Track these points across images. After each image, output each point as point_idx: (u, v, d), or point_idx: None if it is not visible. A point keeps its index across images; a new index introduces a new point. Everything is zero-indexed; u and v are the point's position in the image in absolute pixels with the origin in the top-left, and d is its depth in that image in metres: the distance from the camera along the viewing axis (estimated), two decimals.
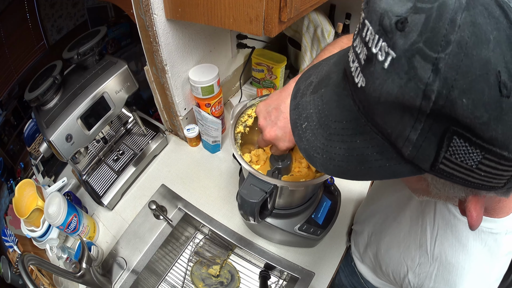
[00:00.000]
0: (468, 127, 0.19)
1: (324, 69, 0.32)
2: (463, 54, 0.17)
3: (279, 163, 0.57)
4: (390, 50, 0.20)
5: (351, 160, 0.26)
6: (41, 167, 0.97)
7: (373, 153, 0.24)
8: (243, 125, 0.64)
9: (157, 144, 0.94)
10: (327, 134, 0.27)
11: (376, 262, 0.60)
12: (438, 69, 0.18)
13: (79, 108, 0.68)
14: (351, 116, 0.26)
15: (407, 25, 0.19)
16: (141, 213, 0.83)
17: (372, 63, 0.21)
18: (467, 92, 0.18)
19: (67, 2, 1.00)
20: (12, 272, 0.80)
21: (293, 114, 0.31)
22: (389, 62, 0.20)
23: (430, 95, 0.19)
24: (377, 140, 0.24)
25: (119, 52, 1.23)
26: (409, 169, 0.23)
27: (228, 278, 0.83)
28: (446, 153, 0.21)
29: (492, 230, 0.39)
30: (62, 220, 0.69)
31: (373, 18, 0.21)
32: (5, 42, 0.87)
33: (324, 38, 1.01)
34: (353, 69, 0.24)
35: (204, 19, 0.58)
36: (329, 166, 0.27)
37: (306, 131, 0.29)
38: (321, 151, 0.28)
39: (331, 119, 0.27)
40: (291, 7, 0.52)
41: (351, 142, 0.26)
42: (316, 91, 0.30)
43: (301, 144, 0.29)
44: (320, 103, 0.29)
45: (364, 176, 0.26)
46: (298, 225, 0.67)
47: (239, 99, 1.09)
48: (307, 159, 0.29)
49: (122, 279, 0.72)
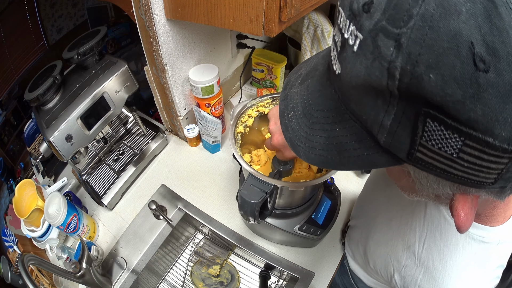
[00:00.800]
0: (440, 107, 0.17)
1: (313, 62, 0.32)
2: (427, 27, 0.16)
3: (281, 166, 0.57)
4: (358, 32, 0.20)
5: (331, 148, 0.26)
6: (41, 167, 0.97)
7: (351, 142, 0.24)
8: (243, 125, 0.64)
9: (157, 144, 0.94)
10: (310, 122, 0.27)
11: (365, 258, 0.60)
12: (401, 45, 0.17)
13: (79, 108, 0.68)
14: (332, 105, 0.26)
15: (372, 6, 0.19)
16: (141, 213, 0.83)
17: (345, 48, 0.21)
18: (435, 66, 0.17)
19: (67, 2, 1.00)
20: (12, 272, 0.81)
21: (282, 105, 0.31)
22: (358, 45, 0.20)
23: (394, 73, 0.18)
24: (355, 128, 0.24)
25: (119, 52, 1.23)
26: (386, 159, 0.23)
27: (228, 278, 0.83)
28: (422, 139, 0.19)
29: (484, 239, 0.37)
30: (62, 220, 0.69)
31: (345, 4, 0.22)
32: (5, 42, 0.87)
33: (324, 38, 1.01)
34: (333, 58, 0.24)
35: (204, 19, 0.58)
36: (311, 155, 0.27)
37: (291, 120, 0.29)
38: (304, 139, 0.28)
39: (314, 108, 0.27)
40: (291, 7, 0.52)
41: (331, 130, 0.26)
42: (303, 82, 0.30)
43: (286, 134, 0.30)
44: (305, 93, 0.29)
45: (344, 165, 0.26)
46: (298, 225, 0.67)
47: (239, 99, 1.09)
48: (291, 148, 0.29)
49: (122, 279, 0.72)
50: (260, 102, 0.64)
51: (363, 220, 0.63)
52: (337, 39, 0.23)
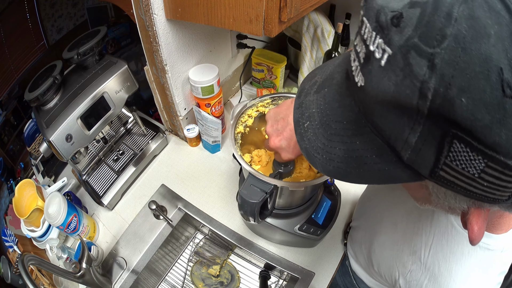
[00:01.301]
0: (468, 130, 0.17)
1: (329, 69, 0.31)
2: (460, 49, 0.16)
3: (281, 168, 0.57)
4: (386, 46, 0.19)
5: (350, 162, 0.25)
6: (41, 167, 0.97)
7: (372, 156, 0.24)
8: (243, 125, 0.64)
9: (157, 144, 0.94)
10: (328, 134, 0.27)
11: (368, 261, 0.59)
12: (434, 65, 0.17)
13: (79, 108, 0.68)
14: (351, 117, 0.25)
15: (402, 20, 0.18)
16: (141, 213, 0.83)
17: (370, 61, 0.21)
18: (466, 90, 0.17)
19: (67, 2, 1.00)
20: (12, 272, 0.81)
21: (296, 113, 0.31)
22: (386, 59, 0.19)
23: (427, 93, 0.18)
24: (377, 142, 0.23)
25: (119, 52, 1.23)
26: (408, 175, 0.22)
27: (228, 278, 0.83)
28: (447, 158, 0.19)
29: (489, 246, 0.38)
30: (62, 220, 0.69)
31: (370, 15, 0.21)
32: (5, 42, 0.87)
33: (324, 38, 1.01)
34: (354, 68, 0.24)
35: (204, 19, 0.58)
36: (329, 167, 0.27)
37: (307, 130, 0.29)
38: (321, 151, 0.27)
39: (332, 119, 0.27)
40: (291, 7, 0.52)
41: (351, 143, 0.25)
42: (320, 91, 0.30)
43: (302, 144, 0.29)
44: (322, 102, 0.28)
45: (362, 179, 0.25)
46: (298, 225, 0.67)
47: (239, 99, 1.09)
48: (307, 159, 0.29)
49: (122, 279, 0.72)
50: (260, 102, 0.64)
51: (367, 222, 0.63)
52: (359, 49, 0.23)
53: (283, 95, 0.64)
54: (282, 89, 1.15)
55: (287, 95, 0.64)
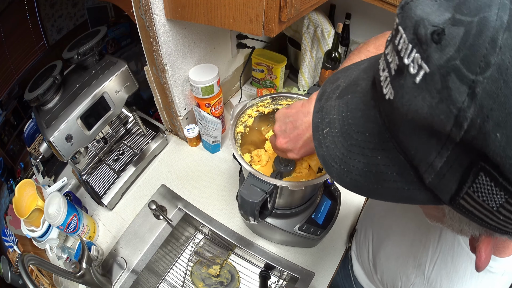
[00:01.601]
0: (497, 165, 0.17)
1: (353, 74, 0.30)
2: (502, 81, 0.15)
3: (282, 167, 0.57)
4: (424, 63, 0.18)
5: (368, 176, 0.24)
6: (41, 167, 0.97)
7: (393, 173, 0.23)
8: (243, 125, 0.64)
9: (157, 144, 0.94)
10: (348, 144, 0.26)
11: (373, 268, 0.60)
12: (475, 94, 0.16)
13: (79, 108, 0.68)
14: (375, 129, 0.24)
15: (444, 38, 0.17)
16: (141, 213, 0.83)
17: (403, 75, 0.20)
18: (503, 126, 0.16)
19: (67, 2, 1.00)
20: (12, 272, 0.80)
21: (316, 117, 0.29)
22: (422, 77, 0.18)
23: (463, 123, 0.17)
24: (399, 160, 0.22)
25: (119, 52, 1.23)
26: (427, 197, 0.22)
27: (228, 278, 0.83)
28: (470, 188, 0.19)
29: (491, 269, 0.38)
30: (62, 220, 0.69)
31: (407, 25, 0.19)
32: (5, 42, 0.87)
33: (324, 38, 1.01)
34: (383, 79, 0.23)
35: (204, 19, 0.58)
36: (345, 179, 0.26)
37: (326, 137, 0.27)
38: (339, 161, 0.26)
39: (354, 128, 0.26)
40: (291, 7, 0.52)
41: (372, 157, 0.24)
42: (342, 96, 0.28)
43: (320, 150, 0.28)
44: (344, 109, 0.27)
45: (379, 195, 0.24)
46: (298, 225, 0.67)
47: (239, 99, 1.09)
48: (324, 167, 0.28)
49: (122, 279, 0.72)
50: (260, 102, 0.64)
51: (375, 228, 0.62)
52: (391, 59, 0.21)
53: (283, 95, 0.64)
54: (282, 89, 1.15)
55: (287, 95, 0.64)
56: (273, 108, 0.66)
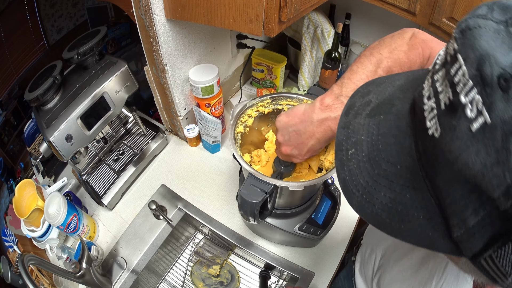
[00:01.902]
0: None
1: (387, 91, 0.27)
2: None
3: (282, 168, 0.57)
4: (485, 110, 0.15)
5: (392, 213, 0.22)
6: (41, 167, 0.97)
7: (420, 216, 0.21)
8: (243, 125, 0.64)
9: (157, 144, 0.94)
10: (375, 173, 0.23)
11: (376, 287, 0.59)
12: None
13: (79, 108, 0.68)
14: (408, 163, 0.22)
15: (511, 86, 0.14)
16: (141, 213, 0.83)
17: (456, 115, 0.17)
18: None
19: (67, 2, 1.00)
20: (12, 272, 0.80)
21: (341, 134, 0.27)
22: (480, 126, 0.16)
23: None
24: (430, 204, 0.20)
25: (119, 52, 1.23)
26: (449, 248, 0.21)
27: (228, 278, 0.83)
28: (494, 253, 0.18)
29: None
30: (62, 220, 0.69)
31: (469, 56, 0.17)
32: (5, 42, 0.88)
33: (324, 38, 1.01)
34: (427, 109, 0.20)
35: (204, 19, 0.58)
36: (366, 210, 0.24)
37: (351, 159, 0.25)
38: (362, 189, 0.24)
39: (383, 156, 0.23)
40: (291, 7, 0.52)
41: (400, 194, 0.22)
42: (374, 115, 0.25)
43: (341, 173, 0.25)
44: (375, 131, 0.24)
45: (399, 235, 0.23)
46: (298, 225, 0.67)
47: (239, 99, 1.09)
48: (343, 191, 0.25)
49: (122, 279, 0.72)
50: (260, 102, 0.64)
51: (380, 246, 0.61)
52: (441, 89, 0.18)
53: (283, 95, 0.64)
54: (282, 89, 1.15)
55: (287, 95, 0.64)
56: (273, 108, 0.66)
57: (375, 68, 0.44)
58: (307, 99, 0.63)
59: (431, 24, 0.80)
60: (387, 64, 0.44)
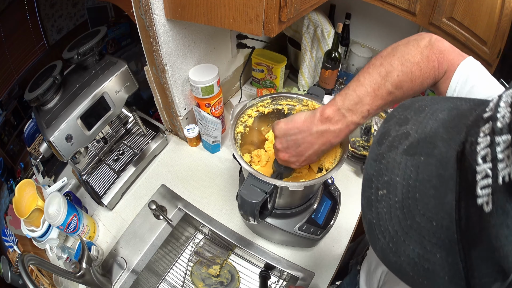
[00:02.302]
0: None
1: (429, 124, 0.24)
2: None
3: (282, 168, 0.57)
4: None
5: (417, 269, 0.21)
6: (41, 167, 0.97)
7: (445, 277, 0.20)
8: (243, 125, 0.64)
9: (157, 144, 0.94)
10: (407, 224, 0.21)
11: None
12: None
13: (79, 108, 0.68)
14: (445, 222, 0.20)
15: None
16: (141, 213, 0.83)
17: None
18: None
19: (67, 2, 1.00)
20: (12, 272, 0.81)
21: (371, 167, 0.24)
22: None
23: None
24: (457, 268, 0.19)
25: (119, 52, 1.23)
26: None
27: (228, 278, 0.83)
28: None
29: None
30: (62, 220, 0.69)
31: None
32: (5, 42, 0.88)
33: (324, 38, 1.01)
34: (480, 173, 0.17)
35: (204, 19, 0.58)
36: (390, 258, 0.22)
37: (381, 201, 0.23)
38: (389, 237, 0.22)
39: (419, 208, 0.21)
40: (291, 7, 0.52)
41: (430, 252, 0.20)
42: (413, 154, 0.23)
43: (367, 213, 0.23)
44: (413, 175, 0.22)
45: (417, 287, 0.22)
46: (298, 225, 0.67)
47: (239, 99, 1.09)
48: (367, 232, 0.23)
49: (122, 279, 0.72)
50: (260, 102, 0.64)
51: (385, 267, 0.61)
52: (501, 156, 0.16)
53: (283, 95, 0.64)
54: (282, 89, 1.15)
55: (287, 95, 0.64)
56: (273, 108, 0.66)
57: (383, 81, 0.41)
58: (307, 99, 0.63)
59: (431, 24, 0.80)
60: (397, 78, 0.40)
